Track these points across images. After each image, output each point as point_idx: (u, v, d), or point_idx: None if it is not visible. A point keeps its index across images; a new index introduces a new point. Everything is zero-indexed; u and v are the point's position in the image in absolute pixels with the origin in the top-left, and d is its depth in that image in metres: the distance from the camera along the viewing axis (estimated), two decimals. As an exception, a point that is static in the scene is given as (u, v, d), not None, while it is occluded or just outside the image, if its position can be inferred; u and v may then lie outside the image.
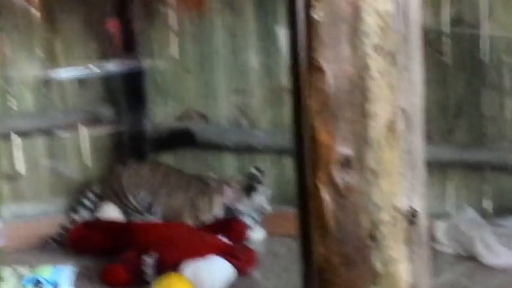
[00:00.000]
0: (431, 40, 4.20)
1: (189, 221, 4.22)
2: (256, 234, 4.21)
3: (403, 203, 1.80)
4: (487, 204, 4.27)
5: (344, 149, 1.75)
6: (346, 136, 1.76)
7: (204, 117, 4.68)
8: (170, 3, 4.64)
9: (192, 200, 4.27)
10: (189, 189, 4.31)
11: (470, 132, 4.33)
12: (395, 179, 1.79)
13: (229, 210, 4.26)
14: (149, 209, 4.32)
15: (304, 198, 1.82)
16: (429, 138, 4.16)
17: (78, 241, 4.09)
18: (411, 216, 1.82)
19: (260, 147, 4.52)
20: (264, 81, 4.54)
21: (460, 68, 4.30)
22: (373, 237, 1.77)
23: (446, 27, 4.27)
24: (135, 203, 4.31)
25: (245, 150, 4.58)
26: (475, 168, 4.30)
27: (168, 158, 4.72)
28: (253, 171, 4.30)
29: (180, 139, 4.63)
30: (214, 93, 4.64)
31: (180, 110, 4.70)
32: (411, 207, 1.82)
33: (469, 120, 4.32)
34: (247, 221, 4.25)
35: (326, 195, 1.76)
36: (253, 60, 4.56)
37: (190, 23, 4.63)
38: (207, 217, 4.24)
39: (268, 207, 4.27)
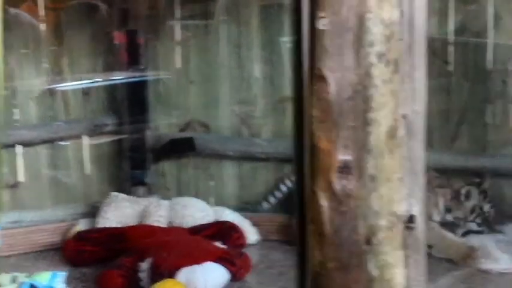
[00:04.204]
0: (435, 49, 4.23)
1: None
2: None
3: (401, 209, 1.83)
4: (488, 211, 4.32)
5: (344, 156, 1.77)
6: (346, 143, 1.78)
7: (206, 127, 4.70)
8: (175, 15, 4.68)
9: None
10: None
11: (473, 139, 4.37)
12: (394, 185, 1.81)
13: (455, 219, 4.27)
14: None
15: (302, 204, 1.84)
16: (432, 145, 4.26)
17: (72, 255, 4.10)
18: (408, 222, 1.84)
19: (261, 156, 4.55)
20: (266, 91, 4.57)
21: (464, 76, 4.34)
22: (369, 243, 1.79)
23: (451, 36, 4.30)
24: None
25: (246, 159, 4.61)
26: (477, 175, 4.33)
27: (170, 167, 4.75)
28: (475, 179, 4.32)
29: (182, 148, 4.65)
30: (216, 103, 4.67)
31: (183, 120, 4.73)
32: (409, 213, 1.84)
33: (472, 128, 4.36)
34: (470, 226, 4.27)
35: (324, 201, 1.77)
36: (256, 70, 4.60)
37: (195, 34, 4.66)
38: (434, 215, 4.25)
39: (488, 210, 4.27)
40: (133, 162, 4.69)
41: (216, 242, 4.02)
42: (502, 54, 4.35)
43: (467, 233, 4.22)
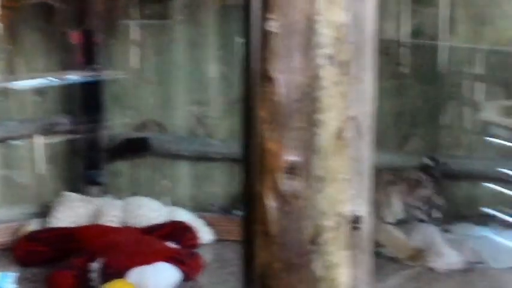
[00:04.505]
0: (390, 51, 4.27)
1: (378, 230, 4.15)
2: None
3: (348, 209, 1.84)
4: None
5: (291, 157, 1.78)
6: (294, 144, 1.79)
7: (161, 126, 4.70)
8: (132, 15, 4.67)
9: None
10: None
11: (426, 140, 4.42)
12: (341, 186, 1.82)
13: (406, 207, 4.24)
14: None
15: (250, 204, 1.85)
16: (385, 146, 4.31)
17: (22, 255, 4.06)
18: (355, 222, 1.85)
19: (216, 157, 4.55)
20: (222, 91, 4.57)
21: (418, 78, 4.39)
22: (315, 243, 1.80)
23: (406, 39, 4.35)
24: None
25: (201, 159, 4.61)
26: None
27: (124, 166, 4.73)
28: (426, 161, 4.28)
29: (136, 148, 4.64)
30: (172, 103, 4.66)
31: (139, 120, 4.72)
32: (355, 213, 1.86)
33: (425, 129, 4.41)
34: (417, 215, 4.25)
35: (271, 202, 1.78)
36: (212, 71, 4.60)
37: (152, 34, 4.65)
38: (388, 216, 4.23)
39: (439, 200, 4.27)
40: (87, 162, 4.67)
41: (169, 242, 4.02)
42: (456, 56, 4.41)
43: (420, 220, 4.25)
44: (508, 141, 4.36)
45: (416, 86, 4.42)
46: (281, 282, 1.81)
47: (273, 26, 1.77)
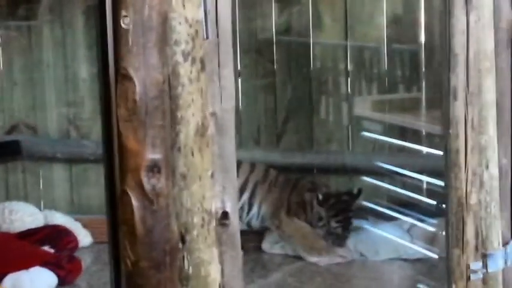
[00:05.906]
0: (260, 48, 4.30)
1: (285, 222, 4.14)
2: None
3: (214, 206, 1.84)
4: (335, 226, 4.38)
5: (153, 155, 1.77)
6: (155, 142, 1.77)
7: (33, 129, 4.61)
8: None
9: (287, 200, 4.20)
10: (285, 188, 4.23)
11: (299, 136, 4.47)
12: (205, 183, 1.82)
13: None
14: (249, 211, 4.22)
15: (114, 205, 1.83)
16: (259, 143, 4.33)
17: None
18: (222, 219, 1.86)
19: (90, 158, 4.49)
20: (94, 91, 4.51)
21: (289, 75, 4.44)
22: (183, 241, 1.79)
23: (275, 36, 4.39)
24: None
25: (76, 161, 4.54)
26: (303, 171, 4.43)
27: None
28: (356, 191, 4.23)
29: (7, 151, 4.53)
30: (43, 105, 4.58)
31: (8, 123, 4.61)
32: (222, 210, 1.86)
33: (298, 125, 4.46)
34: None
35: (134, 201, 1.76)
36: (83, 71, 4.54)
37: (18, 35, 4.55)
38: (303, 217, 4.19)
39: (333, 225, 4.17)
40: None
41: (46, 246, 3.96)
42: (325, 53, 4.49)
43: None
44: (381, 135, 4.46)
45: (288, 83, 4.46)
46: (149, 280, 1.79)
47: (126, 22, 1.75)
